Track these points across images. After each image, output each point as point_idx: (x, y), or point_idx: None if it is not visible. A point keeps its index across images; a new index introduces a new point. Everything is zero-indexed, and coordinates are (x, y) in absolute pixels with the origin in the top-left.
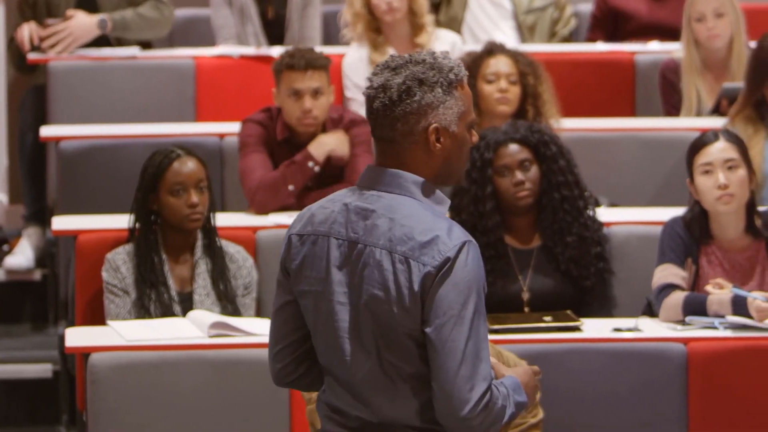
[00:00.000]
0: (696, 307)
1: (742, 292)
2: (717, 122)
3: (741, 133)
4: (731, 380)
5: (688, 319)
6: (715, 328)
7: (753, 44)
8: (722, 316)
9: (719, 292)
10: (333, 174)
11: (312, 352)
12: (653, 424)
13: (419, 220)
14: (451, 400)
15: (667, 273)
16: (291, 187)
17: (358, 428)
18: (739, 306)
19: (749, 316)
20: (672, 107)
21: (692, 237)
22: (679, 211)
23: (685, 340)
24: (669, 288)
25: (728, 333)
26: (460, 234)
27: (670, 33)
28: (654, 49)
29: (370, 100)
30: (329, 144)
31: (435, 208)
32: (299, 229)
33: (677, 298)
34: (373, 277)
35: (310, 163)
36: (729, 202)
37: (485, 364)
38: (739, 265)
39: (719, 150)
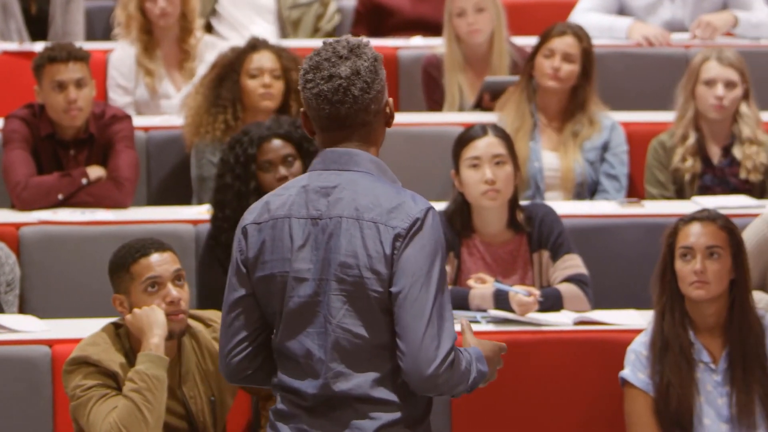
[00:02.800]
0: (458, 301)
1: (503, 287)
2: (479, 117)
3: (509, 129)
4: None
5: None
6: (477, 322)
7: (514, 39)
8: (484, 310)
9: (481, 286)
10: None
11: (266, 346)
12: None
13: (383, 190)
14: (418, 358)
15: None
16: (60, 197)
17: (313, 406)
18: (501, 300)
19: (511, 310)
20: (434, 102)
21: (454, 230)
22: (441, 206)
23: None
24: None
25: (490, 327)
26: (424, 201)
27: (433, 28)
28: (417, 44)
29: (342, 89)
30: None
31: (390, 183)
32: (254, 218)
33: None
34: (340, 245)
35: (84, 180)
36: (495, 198)
37: (449, 323)
38: (501, 258)
39: (487, 145)
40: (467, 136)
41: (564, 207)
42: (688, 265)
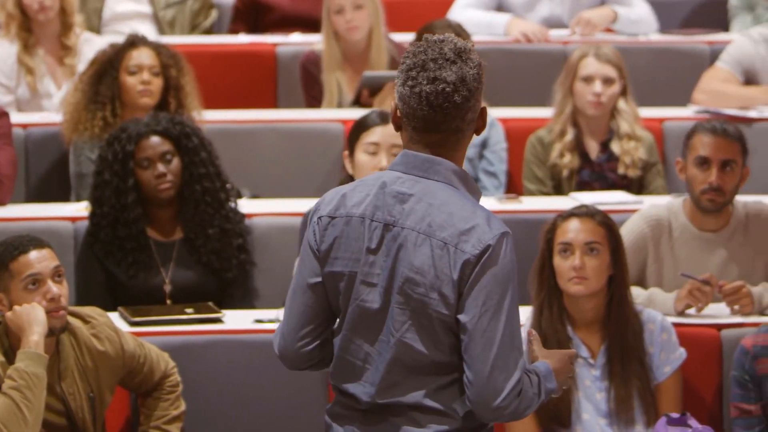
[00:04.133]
0: None
1: None
2: (358, 113)
3: None
4: None
5: None
6: None
7: (392, 36)
8: None
9: None
10: None
11: (331, 336)
12: (294, 413)
13: (459, 208)
14: (485, 390)
15: None
16: None
17: (367, 410)
18: None
19: None
20: (313, 99)
21: None
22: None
23: None
24: None
25: None
26: (499, 224)
27: (312, 25)
28: (295, 40)
29: (445, 94)
30: None
31: (470, 196)
32: (330, 210)
33: None
34: (409, 260)
35: None
36: None
37: (519, 353)
38: None
39: (389, 134)
40: (370, 120)
41: None
42: (567, 260)
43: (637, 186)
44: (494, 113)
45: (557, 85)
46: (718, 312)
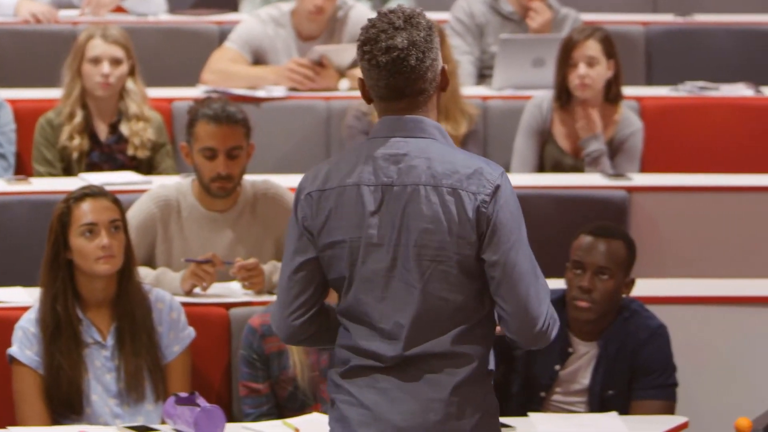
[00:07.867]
0: None
1: None
2: None
3: None
4: None
5: None
6: None
7: None
8: None
9: None
10: None
11: (324, 309)
12: None
13: (456, 157)
14: (526, 319)
15: None
16: None
17: (391, 366)
18: None
19: None
20: None
21: None
22: None
23: None
24: None
25: None
26: (496, 164)
27: None
28: None
29: (400, 60)
30: None
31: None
32: (318, 186)
33: None
34: (420, 213)
35: None
36: None
37: (543, 279)
38: None
39: None
40: None
41: None
42: (92, 242)
43: (147, 167)
44: (3, 94)
45: (65, 67)
46: (227, 291)
